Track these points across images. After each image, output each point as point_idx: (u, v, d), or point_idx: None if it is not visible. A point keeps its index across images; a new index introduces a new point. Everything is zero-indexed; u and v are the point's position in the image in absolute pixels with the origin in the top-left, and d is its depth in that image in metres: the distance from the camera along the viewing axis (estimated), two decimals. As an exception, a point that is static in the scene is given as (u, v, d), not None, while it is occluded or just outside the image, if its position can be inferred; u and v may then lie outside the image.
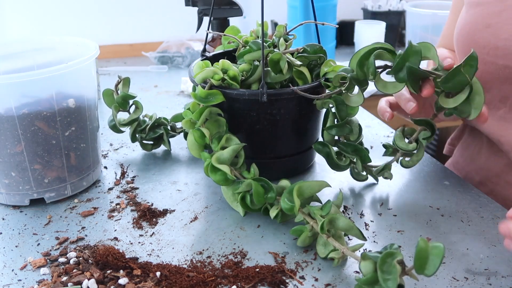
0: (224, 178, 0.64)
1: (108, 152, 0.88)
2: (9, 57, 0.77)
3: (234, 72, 0.69)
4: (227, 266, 0.57)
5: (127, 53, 1.64)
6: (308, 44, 0.74)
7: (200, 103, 0.67)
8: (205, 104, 0.67)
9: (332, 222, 0.57)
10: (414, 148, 0.69)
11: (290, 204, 0.59)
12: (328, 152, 0.70)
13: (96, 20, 1.63)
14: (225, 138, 0.66)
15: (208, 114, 0.67)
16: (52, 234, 0.64)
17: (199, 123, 0.67)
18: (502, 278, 0.55)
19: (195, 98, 0.67)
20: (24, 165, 0.67)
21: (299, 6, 1.41)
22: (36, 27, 1.60)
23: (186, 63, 1.47)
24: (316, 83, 0.70)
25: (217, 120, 0.69)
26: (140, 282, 0.54)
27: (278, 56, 0.69)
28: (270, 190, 0.63)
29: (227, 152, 0.65)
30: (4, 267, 0.58)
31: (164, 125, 0.87)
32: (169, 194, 0.73)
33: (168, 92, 1.22)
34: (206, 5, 1.12)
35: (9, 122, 0.64)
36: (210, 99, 0.67)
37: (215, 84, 0.68)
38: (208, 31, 0.79)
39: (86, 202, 0.72)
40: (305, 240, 0.60)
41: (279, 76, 0.70)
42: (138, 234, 0.64)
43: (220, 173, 0.64)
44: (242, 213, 0.67)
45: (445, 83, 0.60)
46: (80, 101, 0.70)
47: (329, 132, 0.70)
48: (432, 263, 0.43)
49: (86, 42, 0.76)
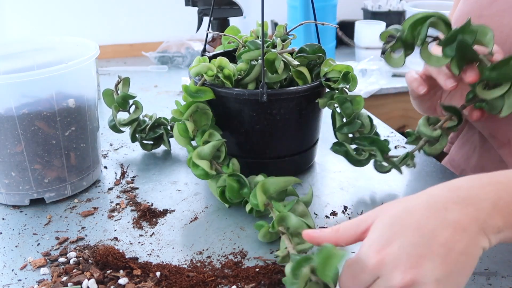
0: (204, 173, 0.65)
1: (108, 152, 0.88)
2: (9, 57, 0.77)
3: (229, 71, 0.69)
4: (227, 266, 0.57)
5: (127, 53, 1.64)
6: (307, 44, 0.74)
7: (189, 97, 0.68)
8: (193, 99, 0.68)
9: (283, 219, 0.57)
10: (438, 135, 0.66)
11: (256, 200, 0.60)
12: (346, 150, 0.69)
13: (96, 20, 1.63)
14: (208, 133, 0.68)
15: (195, 109, 0.69)
16: (52, 234, 0.64)
17: (186, 116, 0.68)
18: (502, 278, 0.55)
19: (185, 91, 0.68)
20: (24, 165, 0.67)
21: (299, 6, 1.41)
22: (36, 27, 1.60)
23: (186, 63, 1.47)
24: (316, 83, 0.70)
25: (206, 113, 0.70)
26: (140, 282, 0.54)
27: (273, 56, 0.69)
28: (245, 185, 0.64)
29: (207, 147, 0.66)
30: (4, 267, 0.58)
31: (164, 125, 0.87)
32: (169, 194, 0.73)
33: (168, 92, 1.22)
34: (206, 5, 1.12)
35: (9, 122, 0.64)
36: (200, 95, 0.68)
37: (208, 79, 0.69)
38: (208, 31, 0.79)
39: (86, 202, 0.72)
40: (266, 235, 0.60)
41: (275, 76, 0.70)
42: (138, 234, 0.64)
43: (200, 168, 0.65)
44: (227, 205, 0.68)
45: (492, 71, 0.58)
46: (80, 101, 0.70)
47: (340, 132, 0.69)
48: (331, 268, 0.42)
49: (86, 42, 0.76)
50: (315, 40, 0.79)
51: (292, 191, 0.65)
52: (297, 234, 0.56)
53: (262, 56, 0.67)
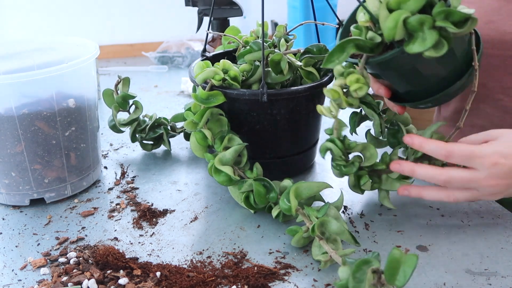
0: (228, 178, 0.64)
1: (108, 152, 0.88)
2: (9, 57, 0.77)
3: (235, 72, 0.69)
4: (227, 266, 0.57)
5: (127, 53, 1.64)
6: (312, 45, 0.74)
7: (201, 104, 0.67)
8: (206, 106, 0.67)
9: (324, 225, 0.57)
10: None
11: (288, 204, 0.59)
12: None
13: (96, 20, 1.63)
14: (227, 138, 0.66)
15: (209, 115, 0.67)
16: (52, 234, 0.64)
17: (201, 125, 0.67)
18: (502, 278, 0.55)
19: (196, 100, 0.67)
20: (24, 165, 0.67)
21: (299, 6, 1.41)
22: (36, 27, 1.60)
23: (186, 63, 1.47)
24: (316, 83, 0.70)
25: (219, 119, 0.69)
26: (140, 282, 0.54)
27: (279, 57, 0.69)
28: (272, 190, 0.63)
29: (229, 153, 0.65)
30: (4, 267, 0.58)
31: (164, 125, 0.87)
32: (169, 194, 0.73)
33: (168, 92, 1.22)
34: (206, 5, 1.12)
35: (9, 122, 0.64)
36: (211, 100, 0.67)
37: (216, 84, 0.68)
38: (208, 31, 0.79)
39: (86, 202, 0.72)
40: (300, 241, 0.60)
41: (279, 77, 0.70)
42: (138, 234, 0.64)
43: (224, 174, 0.64)
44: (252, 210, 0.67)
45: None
46: (80, 101, 0.70)
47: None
48: (403, 273, 0.42)
49: (86, 42, 0.76)
50: (315, 40, 0.79)
51: (319, 197, 0.65)
52: (332, 240, 0.57)
53: (263, 56, 0.67)
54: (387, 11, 0.50)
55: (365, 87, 0.56)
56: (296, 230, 0.59)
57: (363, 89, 0.56)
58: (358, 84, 0.56)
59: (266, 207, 0.66)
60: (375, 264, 0.45)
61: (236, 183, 0.66)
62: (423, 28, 0.49)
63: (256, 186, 0.63)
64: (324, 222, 0.56)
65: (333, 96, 0.58)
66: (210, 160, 0.65)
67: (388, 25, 0.49)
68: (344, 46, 0.53)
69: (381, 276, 0.45)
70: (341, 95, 0.57)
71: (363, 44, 0.53)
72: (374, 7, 0.53)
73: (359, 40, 0.53)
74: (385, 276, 0.43)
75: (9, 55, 0.77)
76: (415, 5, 0.49)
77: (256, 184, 0.63)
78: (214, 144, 0.67)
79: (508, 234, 0.62)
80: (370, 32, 0.55)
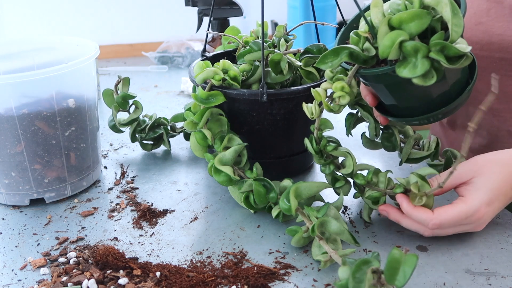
0: (227, 179, 0.64)
1: (108, 152, 0.88)
2: (9, 57, 0.77)
3: (234, 73, 0.69)
4: (227, 266, 0.57)
5: (127, 53, 1.64)
6: (312, 45, 0.74)
7: (201, 104, 0.67)
8: (206, 106, 0.67)
9: (323, 225, 0.57)
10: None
11: (288, 204, 0.59)
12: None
13: (96, 20, 1.63)
14: (227, 138, 0.66)
15: (209, 115, 0.67)
16: (52, 234, 0.64)
17: (201, 125, 0.67)
18: (502, 278, 0.55)
19: (196, 100, 0.67)
20: (24, 165, 0.67)
21: (299, 6, 1.41)
22: (36, 27, 1.60)
23: (186, 63, 1.47)
24: (316, 83, 0.70)
25: (219, 119, 0.69)
26: (140, 282, 0.54)
27: (279, 57, 0.69)
28: (272, 190, 0.63)
29: (229, 153, 0.65)
30: (4, 267, 0.58)
31: (164, 125, 0.87)
32: (169, 194, 0.73)
33: (168, 92, 1.22)
34: (206, 5, 1.12)
35: (9, 122, 0.64)
36: (211, 100, 0.67)
37: (216, 84, 0.68)
38: (208, 31, 0.79)
39: (86, 202, 0.72)
40: (300, 241, 0.60)
41: (279, 77, 0.70)
42: (138, 234, 0.64)
43: (224, 174, 0.64)
44: (252, 210, 0.67)
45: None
46: (80, 101, 0.70)
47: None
48: (403, 273, 0.42)
49: (86, 42, 0.76)
50: (315, 40, 0.79)
51: (319, 196, 0.65)
52: (332, 240, 0.57)
53: (262, 56, 0.67)
54: (387, 28, 0.50)
55: (347, 97, 0.57)
56: (296, 230, 0.59)
57: (345, 98, 0.57)
58: (341, 92, 0.56)
59: (266, 207, 0.66)
60: (375, 264, 0.45)
61: (236, 183, 0.66)
62: (416, 55, 0.48)
63: (256, 186, 0.63)
64: (324, 222, 0.56)
65: (316, 98, 0.59)
66: (210, 160, 0.65)
67: (385, 43, 0.49)
68: (338, 52, 0.53)
69: (381, 276, 0.45)
70: (323, 99, 0.58)
71: (357, 55, 0.53)
72: (376, 19, 0.53)
73: (354, 50, 0.53)
74: (385, 276, 0.43)
75: (9, 55, 0.78)
76: (415, 28, 0.49)
77: (256, 184, 0.63)
78: (214, 144, 0.67)
79: (508, 234, 0.62)
80: (367, 42, 0.55)
